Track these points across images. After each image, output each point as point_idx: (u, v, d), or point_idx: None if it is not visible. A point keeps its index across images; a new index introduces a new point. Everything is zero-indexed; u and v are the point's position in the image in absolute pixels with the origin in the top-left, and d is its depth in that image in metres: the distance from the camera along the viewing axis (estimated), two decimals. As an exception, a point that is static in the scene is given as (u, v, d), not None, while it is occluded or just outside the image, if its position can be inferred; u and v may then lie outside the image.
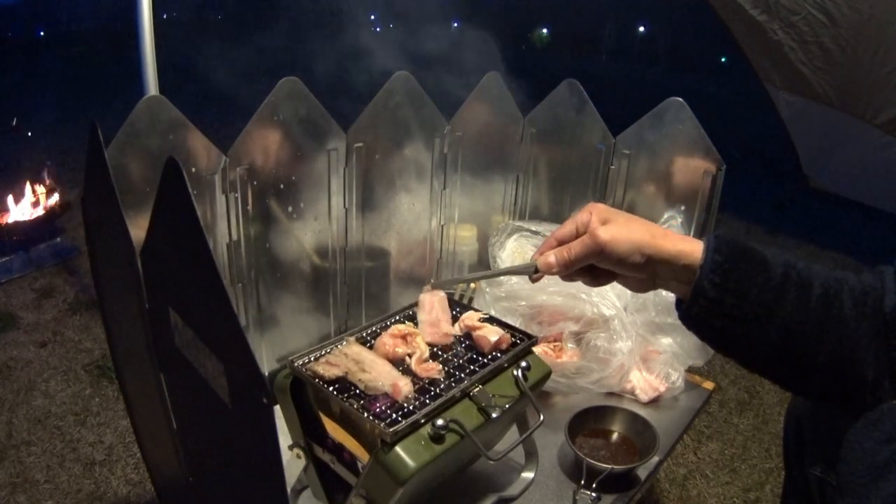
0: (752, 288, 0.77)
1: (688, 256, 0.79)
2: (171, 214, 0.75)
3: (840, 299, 0.78)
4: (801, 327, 0.77)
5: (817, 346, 0.77)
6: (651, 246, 0.80)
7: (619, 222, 0.82)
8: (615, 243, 0.80)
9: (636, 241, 0.80)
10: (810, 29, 3.45)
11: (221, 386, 0.73)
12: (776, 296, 0.77)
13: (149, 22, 1.65)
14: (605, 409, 1.28)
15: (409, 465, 0.85)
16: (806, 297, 0.77)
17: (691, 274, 0.79)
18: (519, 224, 1.71)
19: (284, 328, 1.42)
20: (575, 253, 0.83)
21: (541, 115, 1.74)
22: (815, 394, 0.87)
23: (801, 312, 0.77)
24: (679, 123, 1.50)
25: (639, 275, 0.83)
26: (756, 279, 0.77)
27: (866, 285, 0.79)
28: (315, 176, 1.36)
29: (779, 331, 0.77)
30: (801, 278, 0.78)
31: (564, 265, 0.84)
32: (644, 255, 0.80)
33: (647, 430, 1.22)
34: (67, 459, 1.87)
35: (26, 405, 2.10)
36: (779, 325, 0.77)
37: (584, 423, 1.25)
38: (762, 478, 1.92)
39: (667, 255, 0.80)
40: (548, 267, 0.85)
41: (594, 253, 0.81)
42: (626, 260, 0.80)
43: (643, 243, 0.80)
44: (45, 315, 2.67)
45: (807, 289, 0.78)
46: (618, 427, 1.26)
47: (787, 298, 0.77)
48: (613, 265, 0.82)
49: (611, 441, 1.25)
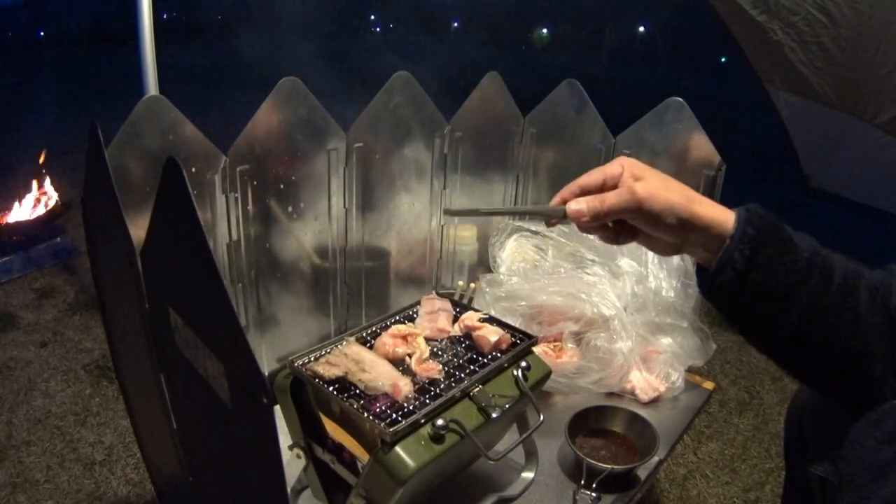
0: (780, 267, 0.76)
1: (720, 225, 0.77)
2: (171, 214, 0.75)
3: (858, 291, 0.78)
4: (820, 313, 0.77)
5: (833, 333, 0.77)
6: (687, 210, 0.77)
7: (654, 180, 0.79)
8: (653, 200, 0.76)
9: (673, 202, 0.77)
10: (810, 29, 3.45)
11: (221, 386, 0.73)
12: (800, 278, 0.77)
13: (149, 22, 1.66)
14: (605, 409, 1.28)
15: (409, 465, 0.85)
16: (827, 284, 0.77)
17: (720, 243, 0.77)
18: (519, 224, 1.71)
19: (284, 328, 1.42)
20: (609, 205, 0.78)
21: (541, 115, 1.74)
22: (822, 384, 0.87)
23: (821, 298, 0.77)
24: (679, 123, 1.50)
25: (668, 237, 0.80)
26: (784, 258, 0.77)
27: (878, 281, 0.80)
28: (315, 176, 1.36)
29: (798, 314, 0.77)
30: (825, 264, 0.78)
31: (595, 215, 0.79)
32: (679, 219, 0.77)
33: (647, 430, 1.22)
34: (67, 459, 1.87)
35: (26, 405, 2.10)
36: (799, 308, 0.77)
37: (584, 423, 1.25)
38: (762, 478, 1.92)
39: (701, 221, 0.77)
40: (578, 214, 0.80)
41: (630, 208, 0.77)
42: (661, 220, 0.77)
43: (680, 206, 0.77)
44: (45, 315, 2.67)
45: (829, 276, 0.78)
46: (618, 427, 1.26)
47: (810, 282, 0.77)
48: (645, 223, 0.79)
49: (611, 441, 1.25)
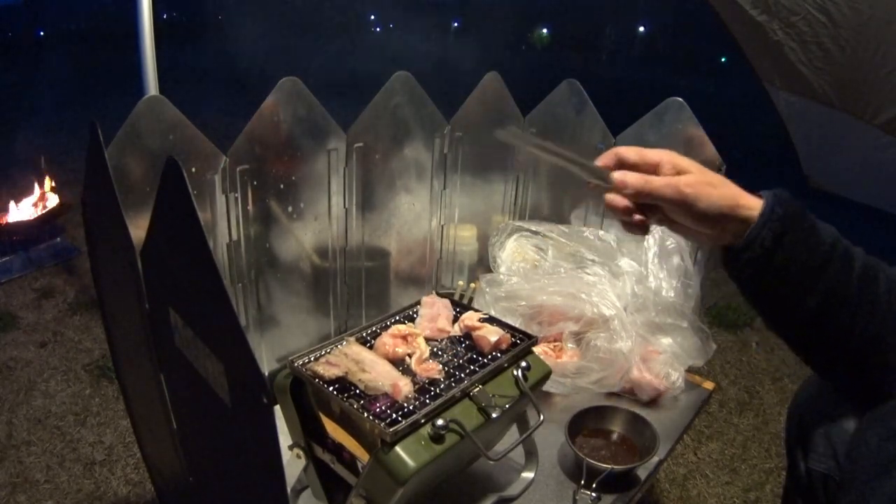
0: (804, 250, 0.77)
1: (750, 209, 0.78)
2: (171, 214, 0.75)
3: (877, 281, 0.80)
4: (840, 300, 0.78)
5: (851, 321, 0.78)
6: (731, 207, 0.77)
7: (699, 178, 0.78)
8: (699, 201, 0.76)
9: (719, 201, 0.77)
10: (810, 29, 3.45)
11: (221, 386, 0.73)
12: (822, 263, 0.78)
13: (149, 22, 1.66)
14: (606, 409, 1.28)
15: (409, 465, 0.85)
16: (848, 271, 0.79)
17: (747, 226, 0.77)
18: (519, 224, 1.71)
19: (284, 328, 1.42)
20: (652, 189, 0.78)
21: (541, 115, 1.74)
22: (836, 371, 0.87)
23: (841, 286, 0.78)
24: (679, 123, 1.50)
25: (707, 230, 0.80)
26: (808, 241, 0.78)
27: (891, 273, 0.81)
28: (315, 176, 1.36)
29: (819, 297, 0.78)
30: (846, 252, 0.80)
31: (638, 193, 0.79)
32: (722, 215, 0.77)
33: (647, 430, 1.22)
34: (67, 459, 1.87)
35: (26, 405, 2.10)
36: (819, 293, 0.78)
37: (584, 422, 1.25)
38: (762, 478, 1.92)
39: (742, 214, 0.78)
40: (622, 185, 0.80)
41: (674, 202, 0.78)
42: (705, 217, 0.78)
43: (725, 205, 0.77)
44: (45, 315, 2.67)
45: (850, 263, 0.79)
46: (618, 427, 1.26)
47: (831, 268, 0.78)
48: (686, 218, 0.79)
49: (611, 441, 1.25)
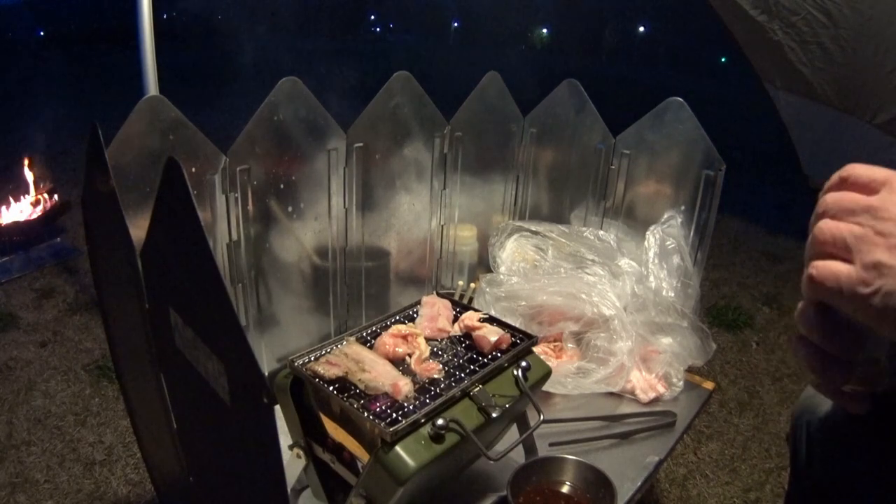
0: None
1: None
2: (171, 214, 0.75)
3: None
4: None
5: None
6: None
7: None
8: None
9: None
10: (810, 29, 3.45)
11: (221, 386, 0.73)
12: None
13: (149, 22, 1.66)
14: (552, 462, 1.12)
15: (409, 465, 0.85)
16: None
17: None
18: (519, 224, 1.71)
19: (284, 328, 1.42)
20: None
21: (541, 115, 1.74)
22: None
23: None
24: (679, 123, 1.50)
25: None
26: None
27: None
28: (315, 176, 1.36)
29: None
30: None
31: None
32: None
33: (601, 483, 1.06)
34: (67, 459, 1.87)
35: (26, 405, 2.09)
36: None
37: (528, 478, 1.09)
38: (762, 478, 1.92)
39: None
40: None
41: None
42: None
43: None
44: (45, 315, 2.67)
45: None
46: (568, 481, 1.10)
47: None
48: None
49: (560, 500, 1.08)
